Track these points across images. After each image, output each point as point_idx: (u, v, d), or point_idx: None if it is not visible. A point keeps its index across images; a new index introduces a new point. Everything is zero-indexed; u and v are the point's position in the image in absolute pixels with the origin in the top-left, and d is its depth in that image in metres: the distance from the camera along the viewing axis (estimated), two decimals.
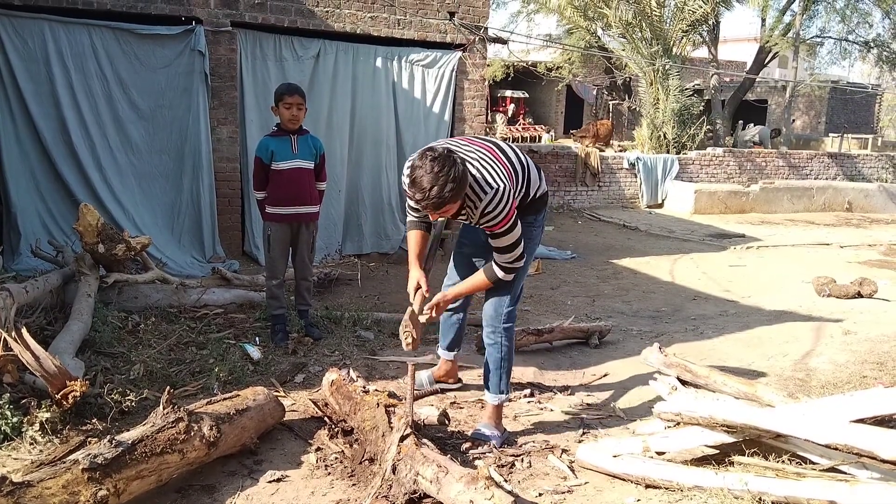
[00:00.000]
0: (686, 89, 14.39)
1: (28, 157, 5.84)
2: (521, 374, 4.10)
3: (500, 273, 3.02)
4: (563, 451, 3.10)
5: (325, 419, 3.28)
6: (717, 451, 2.77)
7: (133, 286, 4.87)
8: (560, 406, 3.65)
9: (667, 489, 2.66)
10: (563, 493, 2.74)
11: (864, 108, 25.71)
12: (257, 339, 4.41)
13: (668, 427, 2.98)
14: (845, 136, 20.22)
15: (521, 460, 2.99)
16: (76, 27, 5.82)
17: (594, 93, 22.66)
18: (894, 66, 19.67)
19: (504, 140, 5.86)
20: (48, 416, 2.91)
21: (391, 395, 3.19)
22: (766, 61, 19.34)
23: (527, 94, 22.92)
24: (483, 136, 3.32)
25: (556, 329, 4.62)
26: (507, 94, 22.16)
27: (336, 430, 3.13)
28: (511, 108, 22.26)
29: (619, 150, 14.67)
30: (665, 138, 14.03)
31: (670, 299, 6.22)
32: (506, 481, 2.78)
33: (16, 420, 2.89)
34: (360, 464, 2.83)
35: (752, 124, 19.04)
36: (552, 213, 11.55)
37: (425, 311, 3.09)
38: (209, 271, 5.88)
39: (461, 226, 3.44)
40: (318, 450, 3.02)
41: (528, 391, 3.81)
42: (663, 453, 2.83)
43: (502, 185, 2.83)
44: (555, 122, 24.45)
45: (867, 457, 2.23)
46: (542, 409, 3.60)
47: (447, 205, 2.70)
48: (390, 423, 2.82)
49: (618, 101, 20.52)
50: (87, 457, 2.28)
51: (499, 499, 2.22)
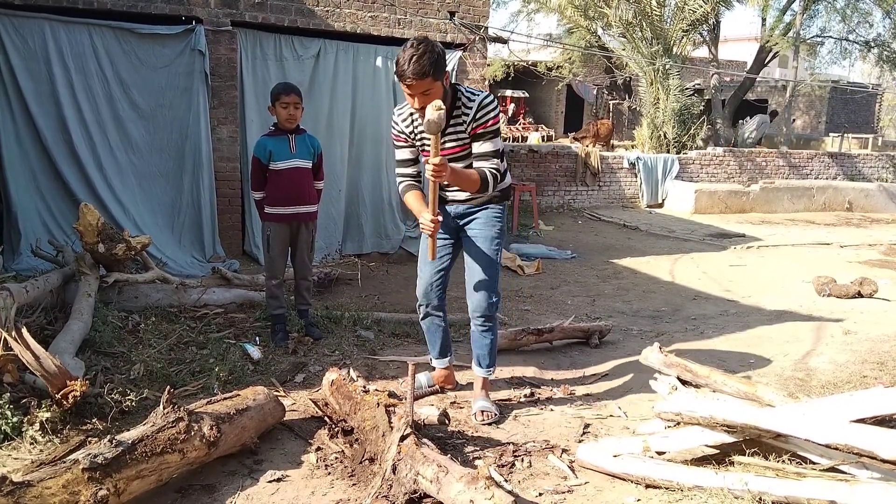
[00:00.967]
0: (686, 89, 14.40)
1: (28, 157, 5.84)
2: (522, 373, 4.10)
3: (489, 177, 3.15)
4: (564, 450, 3.10)
5: (326, 419, 3.28)
6: (718, 451, 2.77)
7: (133, 286, 4.88)
8: (560, 406, 3.65)
9: (667, 489, 2.66)
10: (564, 492, 2.74)
11: (864, 108, 25.71)
12: (257, 338, 4.41)
13: (669, 427, 2.97)
14: (846, 135, 20.23)
15: (522, 460, 2.99)
16: (76, 26, 5.83)
17: (594, 92, 22.66)
18: (895, 66, 19.66)
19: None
20: (48, 415, 2.91)
21: (391, 394, 3.19)
22: (767, 61, 19.33)
23: (527, 94, 22.95)
24: None
25: (557, 329, 4.62)
26: (508, 93, 22.18)
27: (336, 429, 3.12)
28: (511, 107, 22.29)
29: (616, 149, 14.67)
30: (665, 138, 14.03)
31: (670, 299, 6.22)
32: (506, 481, 2.78)
33: (16, 420, 2.89)
34: (361, 463, 2.83)
35: (748, 117, 18.86)
36: (552, 213, 11.55)
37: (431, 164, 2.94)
38: (209, 271, 5.88)
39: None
40: (319, 449, 3.02)
41: (528, 391, 3.81)
42: (663, 453, 2.83)
43: (489, 95, 3.20)
44: (555, 121, 24.46)
45: (867, 457, 2.23)
46: (542, 409, 3.60)
47: (427, 77, 2.92)
48: (390, 422, 2.82)
49: (618, 101, 20.53)
50: (88, 456, 2.28)
51: (499, 499, 2.22)
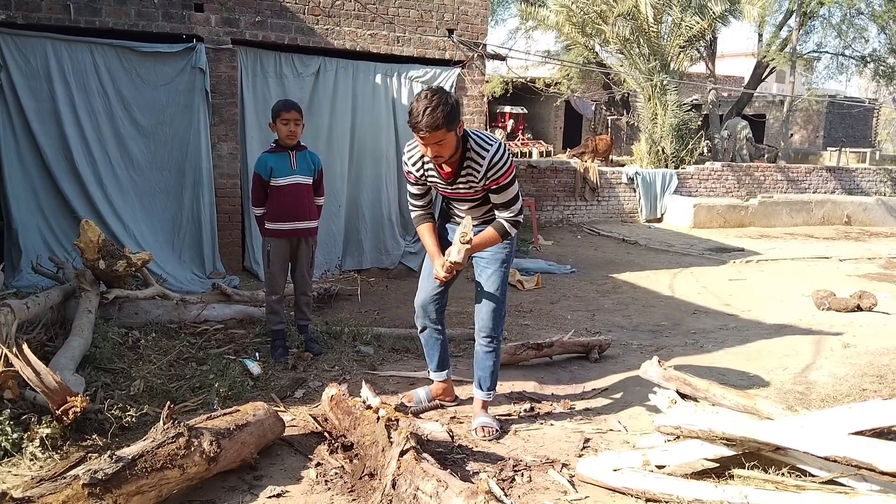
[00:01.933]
0: (684, 104, 14.48)
1: (29, 174, 5.87)
2: (521, 387, 4.10)
3: (509, 227, 3.24)
4: (564, 465, 3.10)
5: (325, 434, 3.28)
6: (717, 465, 2.77)
7: (133, 302, 4.89)
8: (560, 420, 3.65)
9: (667, 503, 2.66)
10: None
11: (861, 123, 25.85)
12: (257, 354, 4.42)
13: (668, 440, 2.98)
14: (843, 149, 20.32)
15: (522, 474, 2.99)
16: (78, 45, 5.88)
17: (593, 108, 22.80)
18: (891, 81, 19.81)
19: None
20: (48, 431, 2.91)
21: (397, 408, 3.20)
22: (764, 76, 19.48)
23: (525, 110, 23.09)
24: None
25: (556, 343, 4.62)
26: (506, 109, 22.33)
27: (336, 445, 3.13)
28: (510, 123, 22.42)
29: (615, 164, 14.74)
30: (664, 153, 14.10)
31: (670, 313, 6.22)
32: (506, 496, 2.78)
33: (16, 436, 2.89)
34: (360, 479, 2.83)
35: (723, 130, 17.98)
36: (551, 228, 11.58)
37: (461, 250, 3.15)
38: (209, 287, 5.89)
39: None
40: (318, 465, 3.01)
41: (528, 405, 3.81)
42: (663, 467, 2.82)
43: (500, 141, 3.20)
44: (553, 137, 24.58)
45: (866, 469, 2.23)
46: (542, 424, 3.60)
47: (440, 129, 2.90)
48: (390, 437, 2.82)
49: (616, 117, 20.65)
50: (88, 472, 2.28)
51: None
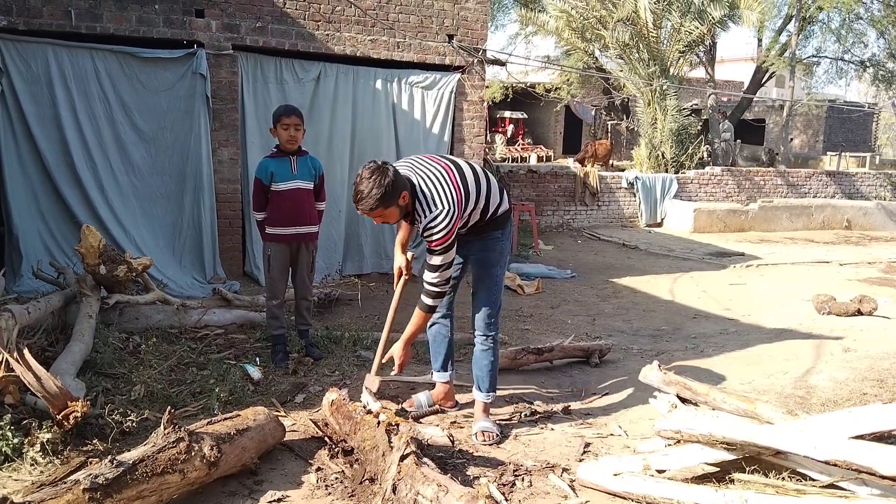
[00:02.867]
0: (684, 109, 14.50)
1: (30, 179, 5.88)
2: (522, 392, 4.10)
3: (425, 299, 3.30)
4: (564, 469, 3.10)
5: (326, 439, 3.28)
6: (718, 469, 2.77)
7: (134, 307, 4.89)
8: (560, 425, 3.65)
9: None
10: None
11: (861, 127, 25.87)
12: (258, 359, 4.42)
13: (669, 445, 2.98)
14: (843, 154, 20.33)
15: (522, 479, 2.99)
16: (79, 51, 5.90)
17: (592, 113, 22.82)
18: (890, 85, 19.83)
19: (485, 161, 5.90)
20: (49, 436, 2.92)
21: (399, 412, 3.20)
22: (764, 81, 19.51)
23: (525, 115, 23.11)
24: (446, 156, 3.61)
25: (557, 348, 4.62)
26: (506, 114, 22.35)
27: (336, 449, 3.13)
28: (510, 128, 22.44)
29: (615, 169, 14.76)
30: (663, 158, 14.11)
31: (670, 318, 6.23)
32: (506, 500, 2.78)
33: (17, 441, 2.90)
34: (361, 483, 2.83)
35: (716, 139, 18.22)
36: (552, 233, 11.59)
37: (394, 369, 3.49)
38: (210, 292, 5.89)
39: None
40: (319, 470, 3.02)
41: (528, 410, 3.81)
42: (664, 471, 2.83)
43: (445, 208, 3.12)
44: (553, 142, 24.61)
45: (866, 473, 2.23)
46: (542, 428, 3.60)
47: (379, 208, 3.04)
48: (390, 442, 2.82)
49: (616, 122, 20.67)
50: (88, 477, 2.28)
51: None
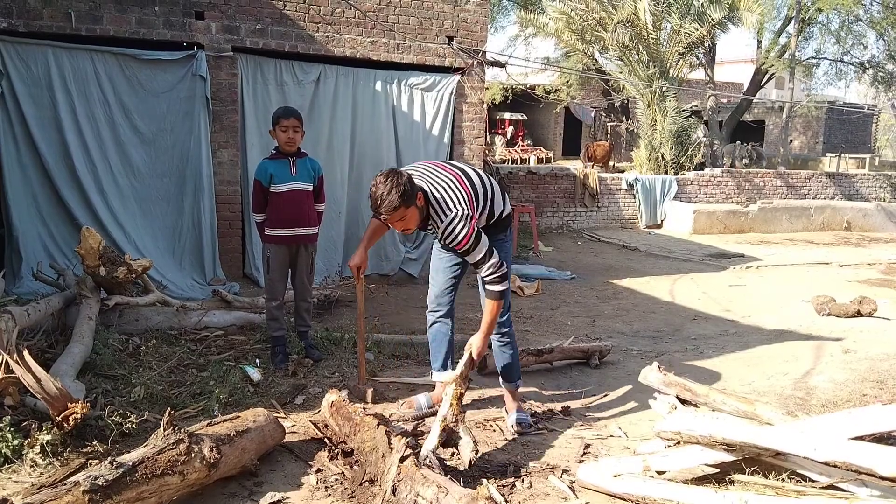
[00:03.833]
0: (683, 111, 14.51)
1: (30, 181, 5.88)
2: (522, 393, 4.09)
3: (492, 288, 3.23)
4: (564, 471, 3.10)
5: (326, 440, 3.28)
6: (718, 471, 2.77)
7: (134, 309, 4.89)
8: (560, 426, 3.65)
9: None
10: None
11: (860, 128, 25.89)
12: (257, 360, 4.42)
13: (669, 446, 2.98)
14: (843, 155, 20.34)
15: (522, 481, 2.98)
16: (79, 52, 5.90)
17: (592, 115, 22.84)
18: (889, 87, 19.85)
19: (487, 163, 5.93)
20: (49, 438, 2.91)
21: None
22: (763, 82, 19.53)
23: (525, 117, 23.13)
24: (452, 162, 3.70)
25: (557, 349, 4.62)
26: (506, 116, 22.37)
27: (336, 451, 3.13)
28: (510, 130, 22.46)
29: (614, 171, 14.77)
30: (663, 159, 14.12)
31: (670, 319, 6.23)
32: (506, 501, 2.78)
33: (16, 442, 2.90)
34: (361, 485, 2.83)
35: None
36: (552, 234, 11.59)
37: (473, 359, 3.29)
38: (210, 294, 5.90)
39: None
40: (319, 471, 3.02)
41: (528, 411, 3.81)
42: (663, 473, 2.82)
43: (459, 210, 3.16)
44: (553, 143, 24.63)
45: (866, 474, 2.23)
46: (542, 430, 3.60)
47: (398, 210, 3.02)
48: (390, 443, 2.82)
49: (616, 123, 20.70)
50: (88, 478, 2.28)
51: None
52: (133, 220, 6.26)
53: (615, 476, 2.85)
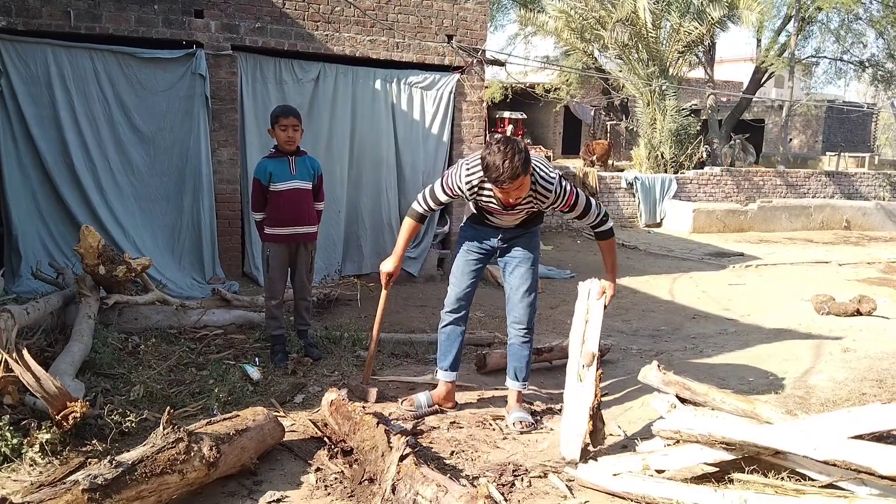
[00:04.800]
0: (683, 109, 14.51)
1: (29, 180, 5.88)
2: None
3: (603, 228, 3.54)
4: (563, 469, 3.09)
5: (325, 439, 3.28)
6: (717, 469, 2.77)
7: (133, 308, 4.89)
8: (560, 425, 3.64)
9: None
10: None
11: (860, 127, 25.89)
12: (257, 359, 4.42)
13: (668, 445, 2.98)
14: (842, 154, 20.34)
15: (521, 479, 2.98)
16: (79, 51, 5.90)
17: (592, 113, 22.84)
18: (889, 86, 19.86)
19: None
20: (48, 437, 2.91)
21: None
22: (763, 81, 19.52)
23: (525, 115, 23.10)
24: None
25: (556, 348, 4.62)
26: (506, 115, 22.33)
27: (335, 450, 3.13)
28: (509, 128, 22.40)
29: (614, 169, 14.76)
30: (663, 158, 14.12)
31: (670, 318, 6.23)
32: (506, 500, 2.78)
33: (16, 441, 2.89)
34: (360, 484, 2.83)
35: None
36: (551, 233, 11.59)
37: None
38: (209, 292, 5.89)
39: (465, 232, 3.76)
40: (318, 470, 3.02)
41: (528, 410, 3.81)
42: (663, 471, 2.83)
43: (555, 173, 3.38)
44: (553, 142, 24.62)
45: (865, 472, 2.24)
46: (541, 428, 3.60)
47: (520, 176, 3.06)
48: (390, 442, 2.82)
49: (615, 122, 20.70)
50: (88, 477, 2.28)
51: None
52: (132, 218, 6.26)
53: (614, 475, 2.85)
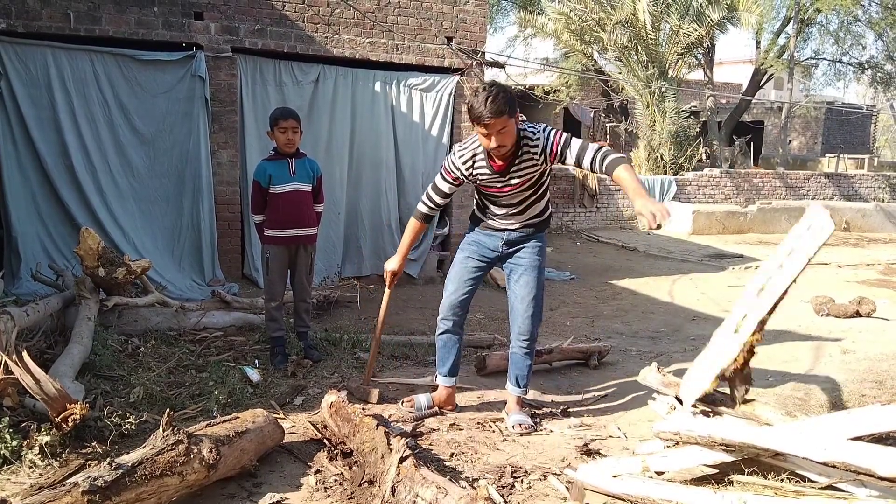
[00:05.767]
0: (682, 111, 14.52)
1: (29, 182, 5.88)
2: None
3: (612, 158, 3.20)
4: (563, 471, 3.09)
5: (325, 441, 3.28)
6: (717, 471, 2.77)
7: (133, 309, 4.89)
8: (559, 427, 3.65)
9: None
10: None
11: (859, 129, 25.91)
12: (256, 361, 4.42)
13: (668, 447, 2.98)
14: (842, 156, 20.36)
15: (521, 481, 2.98)
16: (78, 53, 5.90)
17: (591, 115, 22.82)
18: (888, 87, 19.88)
19: None
20: (48, 439, 2.91)
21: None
22: (762, 83, 19.56)
23: (524, 117, 23.08)
24: None
25: (556, 350, 4.62)
26: None
27: (335, 452, 3.13)
28: None
29: None
30: (662, 160, 14.13)
31: (669, 320, 6.23)
32: (505, 502, 2.78)
33: (15, 443, 2.89)
34: (360, 486, 2.83)
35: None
36: (551, 235, 11.60)
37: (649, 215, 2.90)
38: (209, 294, 5.89)
39: (468, 237, 3.69)
40: (318, 472, 3.01)
41: (527, 412, 3.81)
42: (663, 473, 2.82)
43: (542, 125, 3.31)
44: None
45: (865, 474, 2.23)
46: (541, 430, 3.60)
47: (503, 115, 3.05)
48: (389, 444, 2.82)
49: (615, 124, 20.69)
50: (87, 479, 2.28)
51: None
52: (132, 220, 6.26)
53: (614, 476, 2.84)
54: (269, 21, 6.54)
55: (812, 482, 2.50)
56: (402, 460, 2.63)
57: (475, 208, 3.67)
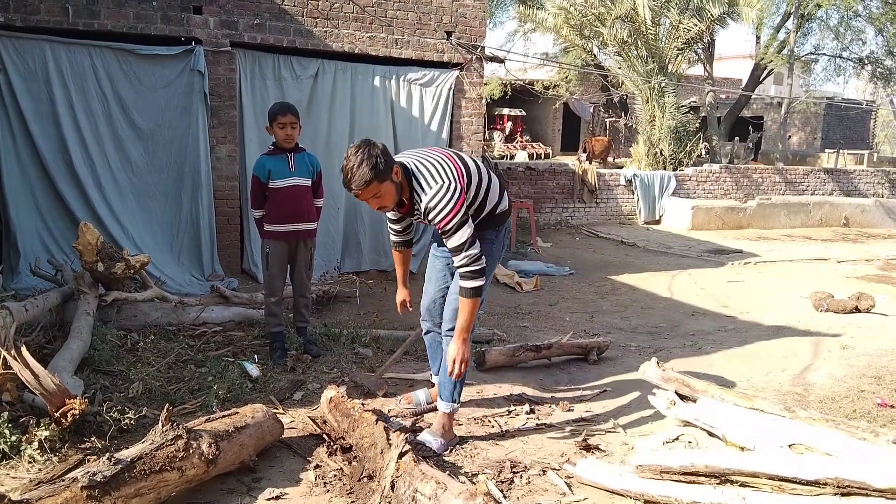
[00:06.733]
0: (682, 106, 14.49)
1: (28, 177, 5.87)
2: (520, 389, 4.10)
3: (465, 283, 2.97)
4: (562, 467, 3.10)
5: (324, 436, 3.28)
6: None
7: (132, 304, 4.88)
8: (559, 422, 3.65)
9: None
10: None
11: (859, 124, 25.89)
12: (256, 356, 4.42)
13: (667, 442, 2.98)
14: (841, 151, 20.34)
15: (520, 476, 2.99)
16: (77, 47, 5.89)
17: (591, 110, 22.81)
18: (888, 83, 19.86)
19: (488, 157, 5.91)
20: (47, 434, 2.91)
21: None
22: (762, 78, 19.52)
23: (524, 112, 23.10)
24: (451, 149, 3.44)
25: (555, 345, 4.62)
26: (505, 111, 22.34)
27: (335, 447, 3.13)
28: (508, 125, 22.43)
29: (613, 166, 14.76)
30: (662, 155, 14.11)
31: (669, 315, 6.23)
32: (505, 497, 2.78)
33: (14, 439, 2.89)
34: (359, 481, 2.83)
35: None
36: (550, 230, 11.59)
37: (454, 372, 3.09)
38: (208, 289, 5.89)
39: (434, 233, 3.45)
40: (317, 467, 3.02)
41: (526, 407, 3.81)
42: (662, 469, 2.82)
43: (446, 182, 2.92)
44: (552, 139, 24.60)
45: (859, 487, 2.23)
46: (540, 426, 3.60)
47: (370, 185, 2.80)
48: (389, 439, 2.82)
49: (614, 119, 20.69)
50: (87, 475, 2.28)
51: None
52: (131, 215, 6.25)
53: (613, 472, 2.85)
54: (268, 15, 6.52)
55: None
56: (401, 455, 2.64)
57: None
